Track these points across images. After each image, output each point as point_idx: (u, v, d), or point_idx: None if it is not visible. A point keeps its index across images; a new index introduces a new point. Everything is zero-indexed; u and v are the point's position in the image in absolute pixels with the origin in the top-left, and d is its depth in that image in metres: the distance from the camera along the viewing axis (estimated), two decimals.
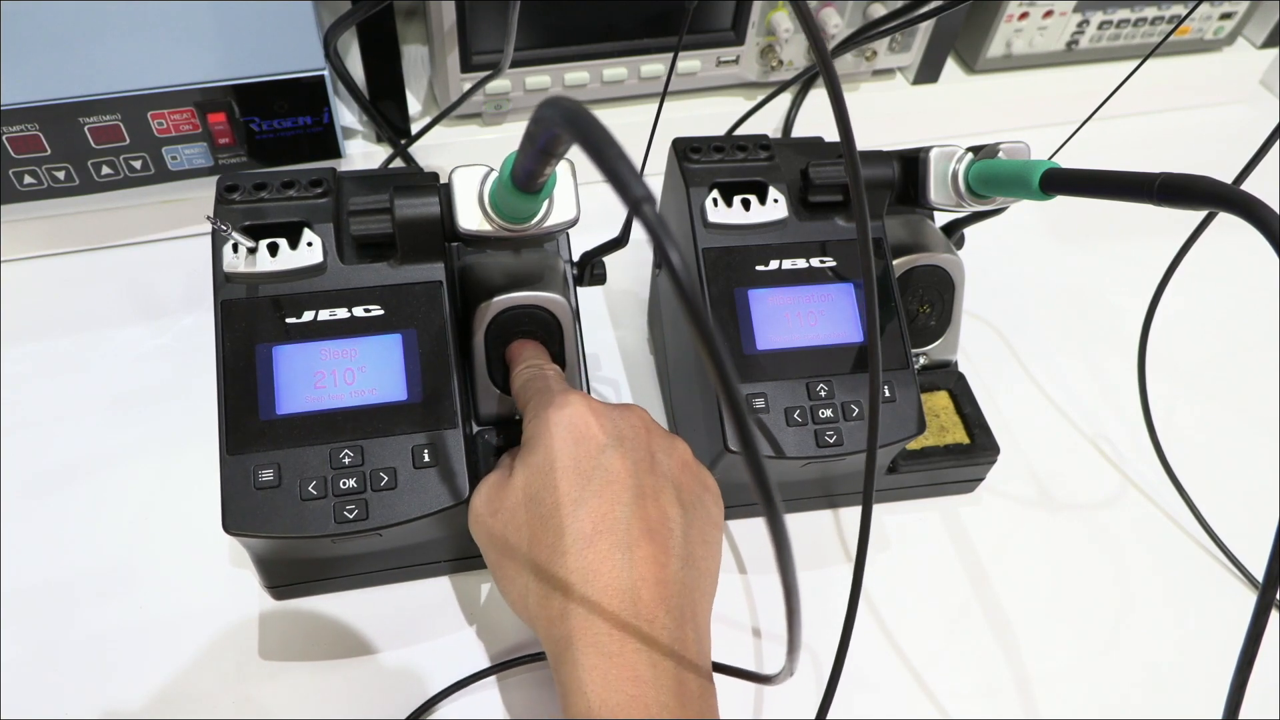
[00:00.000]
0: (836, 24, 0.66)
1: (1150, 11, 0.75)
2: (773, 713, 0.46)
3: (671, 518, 0.37)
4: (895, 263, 0.50)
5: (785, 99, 0.72)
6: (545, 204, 0.39)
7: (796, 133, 0.72)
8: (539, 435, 0.38)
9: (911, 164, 0.47)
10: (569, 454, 0.37)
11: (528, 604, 0.36)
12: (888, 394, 0.46)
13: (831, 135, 0.37)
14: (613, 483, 0.36)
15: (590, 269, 0.49)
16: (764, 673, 0.45)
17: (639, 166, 0.49)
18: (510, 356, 0.45)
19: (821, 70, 0.28)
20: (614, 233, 0.46)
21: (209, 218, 0.39)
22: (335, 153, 0.62)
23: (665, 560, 0.35)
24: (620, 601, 0.33)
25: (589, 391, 0.48)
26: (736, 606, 0.49)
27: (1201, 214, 0.47)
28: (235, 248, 0.40)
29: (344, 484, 0.39)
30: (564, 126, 0.25)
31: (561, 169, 0.39)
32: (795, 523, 0.53)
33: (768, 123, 0.72)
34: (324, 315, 0.41)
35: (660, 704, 0.32)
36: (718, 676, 0.44)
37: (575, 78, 0.65)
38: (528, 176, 0.34)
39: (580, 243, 0.48)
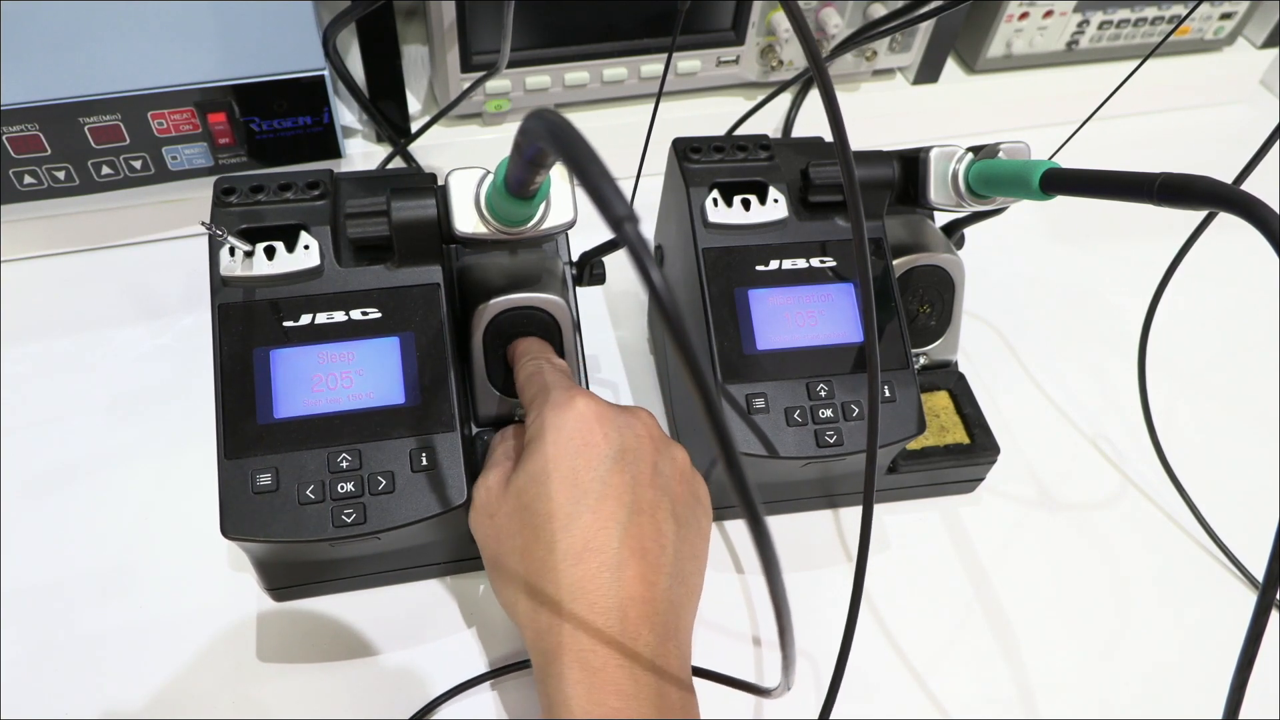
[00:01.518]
0: (836, 24, 0.66)
1: (1150, 11, 0.75)
2: (772, 713, 0.46)
3: (665, 534, 0.36)
4: (895, 263, 0.50)
5: (785, 99, 0.71)
6: (542, 207, 0.39)
7: (797, 133, 0.72)
8: (539, 439, 0.37)
9: (911, 164, 0.47)
10: (567, 463, 0.36)
11: (517, 611, 0.36)
12: (888, 394, 0.46)
13: (832, 135, 0.37)
14: (609, 498, 0.36)
15: (590, 269, 0.49)
16: (762, 685, 0.45)
17: (637, 167, 0.49)
18: (513, 352, 0.45)
19: (815, 77, 0.28)
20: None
21: (204, 224, 0.39)
22: (335, 152, 0.62)
23: (654, 579, 0.35)
24: (606, 619, 0.34)
25: None
26: (734, 606, 0.49)
27: (1201, 214, 0.47)
28: (232, 251, 0.40)
29: (342, 488, 0.39)
30: (548, 142, 0.25)
31: (557, 172, 0.39)
32: (795, 523, 0.53)
33: (768, 123, 0.72)
34: (321, 318, 0.41)
35: (642, 717, 0.33)
36: (716, 686, 0.44)
37: (575, 78, 0.65)
38: (519, 185, 0.34)
39: (580, 242, 0.48)
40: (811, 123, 0.72)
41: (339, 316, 0.42)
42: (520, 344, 0.45)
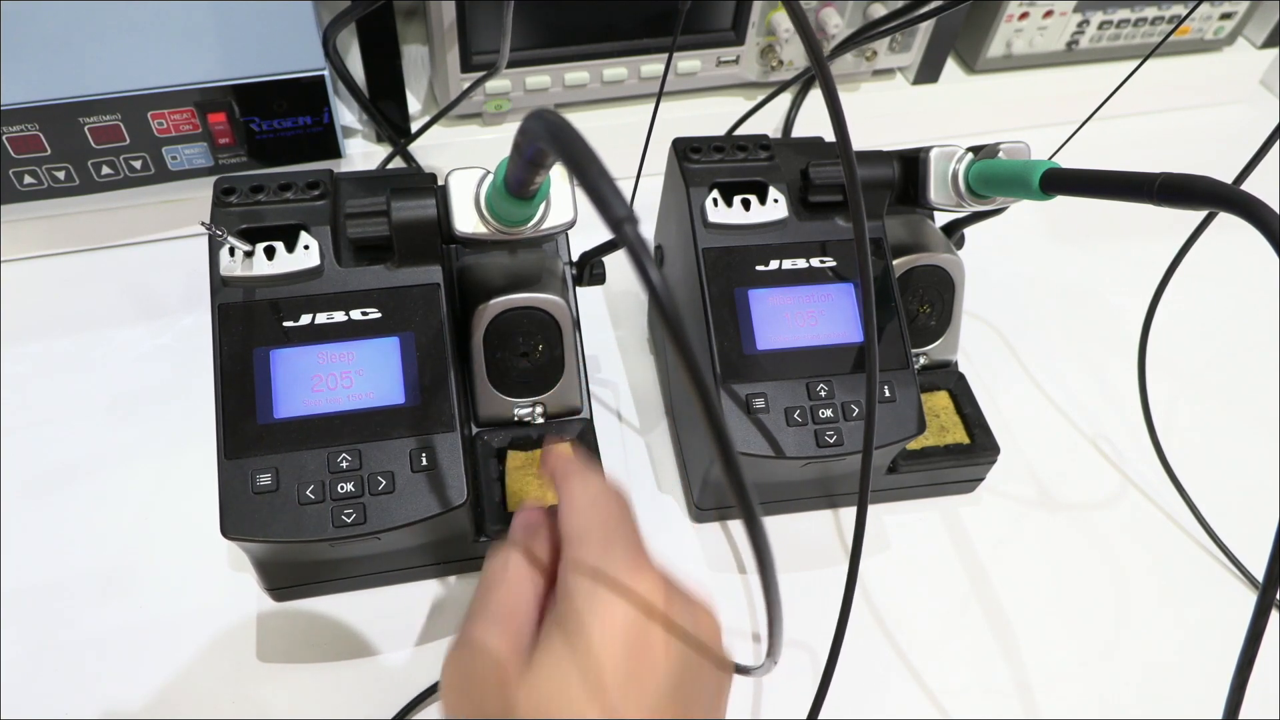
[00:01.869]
0: (836, 24, 0.66)
1: (1150, 11, 0.75)
2: (771, 712, 0.46)
3: None
4: (895, 263, 0.50)
5: (785, 99, 0.71)
6: (541, 207, 0.39)
7: (796, 133, 0.72)
8: (584, 619, 0.28)
9: (911, 164, 0.47)
10: (614, 675, 0.28)
11: None
12: (888, 394, 0.46)
13: (832, 135, 0.37)
14: None
15: (590, 269, 0.49)
16: (747, 665, 0.44)
17: (637, 167, 0.49)
18: (549, 468, 0.35)
19: (818, 75, 0.28)
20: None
21: (204, 224, 0.39)
22: (335, 152, 0.62)
23: None
24: None
25: (587, 393, 0.48)
26: (734, 607, 0.49)
27: (1201, 214, 0.47)
28: (232, 252, 0.40)
29: (342, 488, 0.39)
30: (547, 142, 0.25)
31: (557, 172, 0.39)
32: (796, 523, 0.53)
33: (768, 123, 0.72)
34: (321, 318, 0.41)
35: None
36: None
37: (575, 78, 0.65)
38: (519, 185, 0.34)
39: (580, 242, 0.48)
40: (811, 123, 0.72)
41: (339, 316, 0.42)
42: (558, 456, 0.35)
